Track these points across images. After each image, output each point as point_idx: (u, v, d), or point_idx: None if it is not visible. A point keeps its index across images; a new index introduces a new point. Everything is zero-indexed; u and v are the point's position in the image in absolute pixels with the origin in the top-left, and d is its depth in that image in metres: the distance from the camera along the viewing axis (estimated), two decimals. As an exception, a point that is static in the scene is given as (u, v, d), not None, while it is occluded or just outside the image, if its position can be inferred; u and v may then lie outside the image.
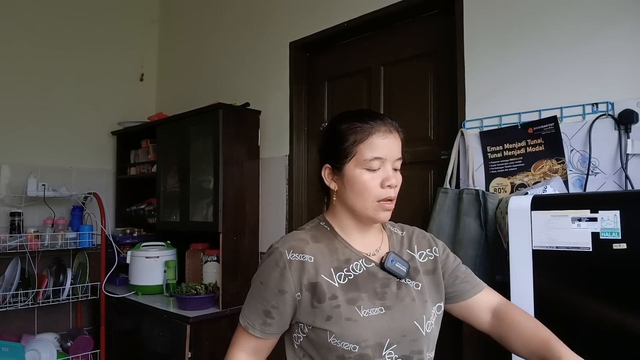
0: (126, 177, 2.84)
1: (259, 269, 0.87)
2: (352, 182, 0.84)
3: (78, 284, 2.44)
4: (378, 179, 0.83)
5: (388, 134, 0.83)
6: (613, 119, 1.26)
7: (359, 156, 0.83)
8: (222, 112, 2.11)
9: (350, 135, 0.84)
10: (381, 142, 0.82)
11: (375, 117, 0.85)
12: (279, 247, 0.85)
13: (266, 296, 0.83)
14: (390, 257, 0.87)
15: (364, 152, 0.82)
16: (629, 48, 1.26)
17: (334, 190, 0.90)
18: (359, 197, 0.84)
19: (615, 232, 1.07)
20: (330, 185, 0.89)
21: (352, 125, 0.84)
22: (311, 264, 0.83)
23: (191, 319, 1.95)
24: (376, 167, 0.82)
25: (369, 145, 0.82)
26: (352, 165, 0.83)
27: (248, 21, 2.47)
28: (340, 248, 0.87)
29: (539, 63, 1.41)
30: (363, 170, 0.83)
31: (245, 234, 2.20)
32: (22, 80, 2.55)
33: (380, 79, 1.96)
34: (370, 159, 0.82)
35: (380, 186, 0.83)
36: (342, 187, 0.86)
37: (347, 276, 0.84)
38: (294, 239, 0.87)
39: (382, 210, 0.84)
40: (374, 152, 0.82)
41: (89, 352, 2.40)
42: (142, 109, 3.00)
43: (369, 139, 0.82)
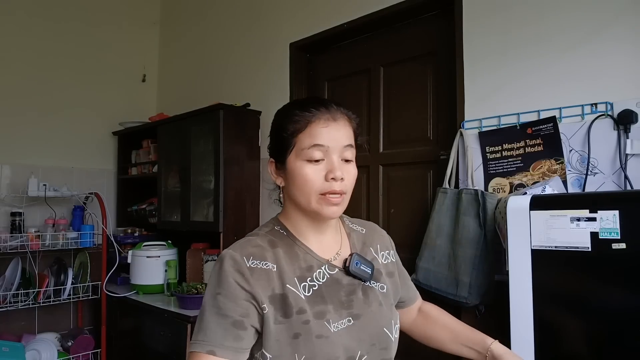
0: (127, 177, 2.85)
1: (210, 283, 0.74)
2: (293, 175, 0.76)
3: (79, 284, 2.44)
4: (321, 171, 0.75)
5: (331, 121, 0.76)
6: (612, 119, 1.27)
7: (298, 146, 0.75)
8: (222, 113, 2.12)
9: (289, 125, 0.76)
10: (322, 130, 0.75)
11: (318, 104, 0.77)
12: (235, 255, 0.74)
13: (230, 307, 0.70)
14: (355, 259, 0.80)
15: (302, 141, 0.75)
16: (628, 48, 1.26)
17: (281, 187, 0.82)
18: (301, 191, 0.76)
19: (614, 232, 1.07)
20: (277, 181, 0.82)
21: (292, 114, 0.77)
22: (275, 272, 0.74)
23: (192, 318, 1.95)
24: (318, 157, 0.74)
25: (309, 134, 0.75)
26: (293, 157, 0.76)
27: (248, 22, 2.48)
28: (301, 254, 0.79)
29: (537, 63, 1.42)
30: (304, 162, 0.75)
31: (246, 233, 2.20)
32: (23, 81, 2.56)
33: (380, 79, 1.96)
34: (309, 147, 0.74)
35: (325, 179, 0.75)
36: (287, 183, 0.79)
37: (312, 287, 0.76)
38: (251, 244, 0.77)
39: (327, 205, 0.75)
40: (313, 139, 0.74)
41: (89, 352, 2.41)
42: (143, 110, 3.01)
43: (308, 127, 0.75)
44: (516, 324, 1.17)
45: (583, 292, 1.11)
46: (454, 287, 1.44)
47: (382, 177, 1.94)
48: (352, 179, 0.78)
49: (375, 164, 1.96)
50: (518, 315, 1.17)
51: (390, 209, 1.91)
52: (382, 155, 1.94)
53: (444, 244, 1.50)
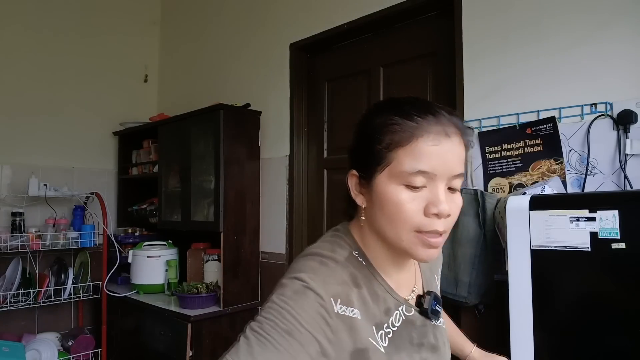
0: (128, 177, 2.85)
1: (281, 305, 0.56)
2: (383, 200, 0.59)
3: (79, 284, 2.44)
4: (421, 201, 0.58)
5: (443, 137, 0.57)
6: (612, 119, 1.27)
7: (395, 166, 0.58)
8: (223, 113, 2.12)
9: (385, 135, 0.59)
10: (431, 149, 0.57)
11: (427, 110, 0.59)
12: (321, 292, 0.57)
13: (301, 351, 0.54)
14: (432, 300, 0.68)
15: (403, 161, 0.57)
16: (627, 49, 1.26)
17: (362, 207, 0.64)
18: (392, 223, 0.59)
19: (614, 231, 1.07)
20: (357, 199, 0.64)
21: (391, 120, 0.59)
22: (359, 321, 0.59)
23: (192, 317, 1.96)
24: (419, 184, 0.57)
25: (412, 153, 0.57)
26: (384, 177, 0.59)
27: (248, 22, 2.48)
28: (381, 294, 0.64)
29: (537, 64, 1.42)
30: (400, 187, 0.58)
31: (246, 233, 2.21)
32: (24, 81, 2.56)
33: (379, 79, 1.96)
34: (412, 173, 0.57)
35: (424, 213, 0.58)
36: (371, 206, 0.62)
37: (387, 334, 0.62)
38: (335, 279, 0.60)
39: (423, 246, 0.59)
40: (417, 162, 0.57)
41: (90, 352, 2.41)
42: (143, 110, 3.01)
43: (413, 143, 0.57)
44: (515, 323, 1.17)
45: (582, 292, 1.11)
46: (453, 287, 1.45)
47: (382, 177, 1.94)
48: (457, 211, 0.61)
49: (375, 164, 1.96)
50: (517, 315, 1.17)
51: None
52: (382, 155, 1.94)
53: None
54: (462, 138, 0.60)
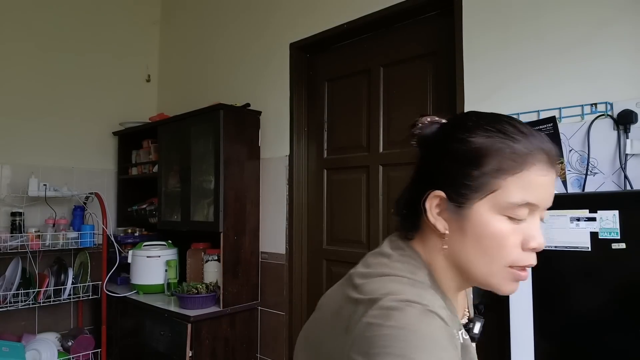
0: (128, 177, 2.85)
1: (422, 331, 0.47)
2: (480, 232, 0.54)
3: (79, 284, 2.44)
4: (520, 234, 0.54)
5: (550, 167, 0.53)
6: (612, 119, 1.26)
7: (500, 195, 0.53)
8: (222, 113, 2.12)
9: (492, 159, 0.53)
10: (540, 180, 0.53)
11: (534, 135, 0.54)
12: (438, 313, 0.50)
13: None
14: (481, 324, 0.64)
15: (511, 191, 0.52)
16: (628, 48, 1.26)
17: (439, 232, 0.57)
18: (486, 256, 0.54)
19: (614, 231, 1.07)
20: (437, 224, 0.57)
21: (501, 142, 0.53)
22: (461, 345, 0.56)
23: (192, 318, 1.96)
24: (523, 216, 0.53)
25: (522, 183, 0.52)
26: (484, 206, 0.53)
27: (248, 22, 2.48)
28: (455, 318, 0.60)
29: (537, 63, 1.42)
30: (502, 218, 0.53)
31: (246, 233, 2.21)
32: (24, 81, 2.56)
33: (380, 79, 1.96)
34: (520, 204, 0.52)
35: (522, 246, 0.54)
36: (458, 234, 0.56)
37: None
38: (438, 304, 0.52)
39: (512, 281, 0.55)
40: (527, 194, 0.52)
41: (90, 352, 2.41)
42: (143, 110, 3.01)
43: (524, 171, 0.52)
44: (516, 323, 1.17)
45: (583, 292, 1.11)
46: (454, 287, 1.44)
47: (382, 178, 1.94)
48: None
49: (375, 164, 1.96)
50: (518, 315, 1.17)
51: (390, 209, 1.91)
52: (382, 155, 1.94)
53: (444, 243, 1.50)
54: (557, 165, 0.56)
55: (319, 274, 2.16)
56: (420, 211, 0.58)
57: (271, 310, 2.21)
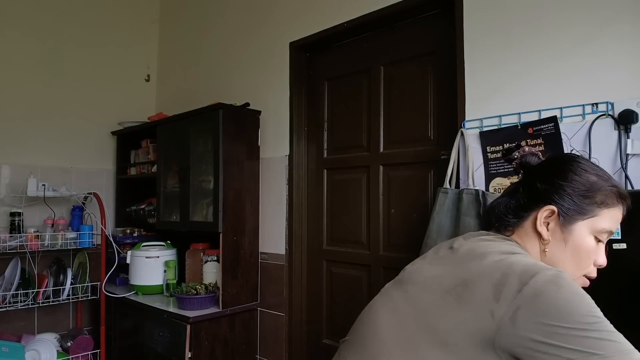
0: (126, 177, 2.84)
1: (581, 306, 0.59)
2: (578, 245, 0.73)
3: (78, 284, 2.44)
4: (596, 253, 0.75)
5: (625, 210, 0.76)
6: (613, 119, 1.26)
7: (597, 221, 0.73)
8: (222, 112, 2.11)
9: (600, 193, 0.73)
10: (620, 216, 0.75)
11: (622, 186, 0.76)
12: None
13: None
14: None
15: (604, 219, 0.73)
16: (628, 48, 1.25)
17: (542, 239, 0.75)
18: (575, 264, 0.74)
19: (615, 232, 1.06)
20: (542, 231, 0.75)
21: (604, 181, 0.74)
22: None
23: (191, 318, 1.95)
24: (604, 239, 0.75)
25: (613, 215, 0.74)
26: (585, 227, 0.73)
27: (248, 21, 2.47)
28: None
29: (538, 63, 1.41)
30: (592, 238, 0.74)
31: (246, 234, 2.20)
32: (23, 81, 2.55)
33: (380, 79, 1.96)
34: (606, 231, 0.74)
35: (593, 262, 0.75)
36: (559, 243, 0.74)
37: None
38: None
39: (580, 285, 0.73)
40: (612, 224, 0.74)
41: (89, 352, 2.40)
42: (142, 109, 3.00)
43: (617, 208, 0.74)
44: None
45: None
46: (454, 288, 1.44)
47: (382, 178, 1.93)
48: None
49: (375, 164, 1.95)
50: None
51: (390, 209, 1.90)
52: (382, 155, 1.94)
53: (444, 244, 1.50)
54: None
55: (319, 274, 2.16)
56: (524, 218, 0.77)
57: (271, 311, 2.20)
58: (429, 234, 1.53)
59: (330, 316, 2.11)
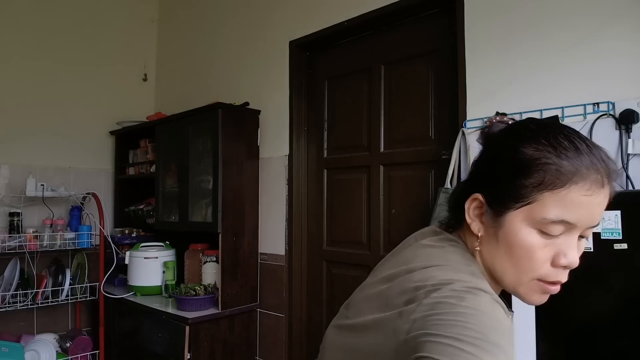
0: (125, 177, 2.83)
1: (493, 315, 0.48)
2: (511, 241, 0.54)
3: (77, 285, 2.43)
4: (552, 249, 0.53)
5: (598, 187, 0.51)
6: (614, 119, 1.26)
7: (537, 209, 0.52)
8: (221, 112, 2.10)
9: (537, 172, 0.52)
10: (582, 199, 0.51)
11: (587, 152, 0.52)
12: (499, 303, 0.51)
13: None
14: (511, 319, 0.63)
15: (548, 206, 0.51)
16: (629, 48, 1.25)
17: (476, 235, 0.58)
18: (514, 266, 0.54)
19: (616, 232, 1.07)
20: (473, 225, 0.58)
21: (547, 157, 0.52)
22: None
23: (190, 319, 1.94)
24: (557, 233, 0.52)
25: (561, 200, 0.51)
26: (519, 217, 0.53)
27: (248, 20, 2.46)
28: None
29: (540, 62, 1.41)
30: (533, 231, 0.53)
31: (245, 234, 2.19)
32: (21, 80, 2.54)
33: (380, 78, 1.95)
34: (554, 221, 0.51)
35: (551, 262, 0.53)
36: (491, 240, 0.56)
37: None
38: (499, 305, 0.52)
39: (540, 293, 0.55)
40: (564, 212, 0.51)
41: (88, 353, 2.40)
42: (140, 109, 2.99)
43: (566, 189, 0.51)
44: (517, 325, 1.16)
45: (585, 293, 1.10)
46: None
47: (382, 177, 1.92)
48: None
49: (376, 163, 1.95)
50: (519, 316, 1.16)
51: (391, 209, 1.90)
52: (382, 155, 1.93)
53: (445, 244, 1.49)
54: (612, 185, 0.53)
55: (319, 275, 2.15)
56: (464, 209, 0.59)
57: (270, 312, 2.20)
58: (430, 234, 1.52)
59: (330, 317, 2.10)
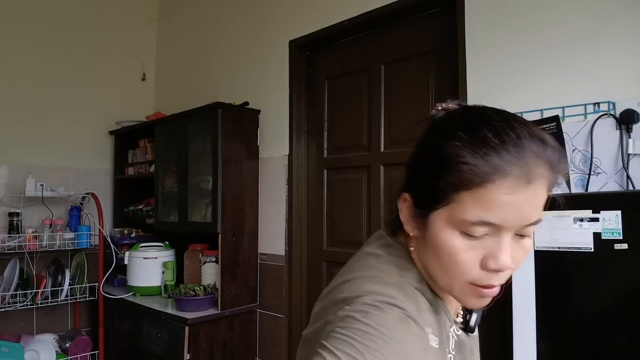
0: (124, 177, 2.83)
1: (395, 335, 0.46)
2: (435, 243, 0.51)
3: (76, 285, 2.43)
4: (480, 251, 0.49)
5: (523, 184, 0.46)
6: (614, 119, 1.25)
7: (455, 210, 0.48)
8: (221, 112, 2.10)
9: (451, 172, 0.48)
10: (504, 198, 0.46)
11: (511, 142, 0.47)
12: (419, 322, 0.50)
13: None
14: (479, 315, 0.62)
15: (466, 207, 0.47)
16: (630, 47, 1.25)
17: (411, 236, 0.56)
18: (442, 270, 0.52)
19: (616, 232, 1.06)
20: (406, 226, 0.55)
21: (461, 153, 0.47)
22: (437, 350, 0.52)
23: (190, 320, 1.94)
24: (480, 234, 0.48)
25: (478, 200, 0.46)
26: (442, 218, 0.50)
27: (247, 19, 2.46)
28: (443, 318, 0.57)
29: (540, 62, 1.40)
30: (456, 233, 0.49)
31: (245, 234, 2.19)
32: (20, 80, 2.54)
33: (380, 77, 1.94)
34: (473, 223, 0.47)
35: (480, 265, 0.49)
36: (422, 241, 0.54)
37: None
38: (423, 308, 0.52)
39: (476, 297, 0.51)
40: (483, 213, 0.47)
41: (87, 353, 2.39)
42: (140, 109, 2.98)
43: (482, 188, 0.46)
44: (519, 325, 1.16)
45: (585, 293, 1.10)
46: (455, 288, 1.43)
47: (383, 177, 1.92)
48: (523, 258, 0.52)
49: (376, 163, 1.94)
50: (520, 317, 1.16)
51: (391, 209, 1.89)
52: (383, 154, 1.92)
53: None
54: (549, 179, 0.48)
55: (318, 275, 2.15)
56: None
57: (270, 312, 2.19)
58: (430, 234, 1.52)
59: (330, 317, 2.10)
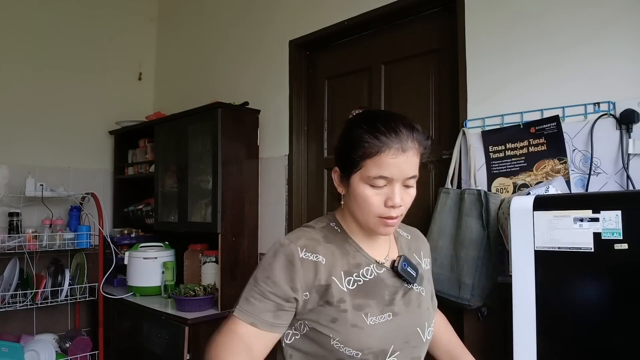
0: (124, 177, 2.82)
1: (265, 263, 0.82)
2: (355, 194, 0.81)
3: (76, 285, 2.42)
4: (382, 196, 0.79)
5: (400, 153, 0.77)
6: (614, 119, 1.26)
7: (364, 171, 0.78)
8: (220, 112, 2.10)
9: (358, 149, 0.78)
10: (390, 161, 0.76)
11: (391, 129, 0.78)
12: (290, 244, 0.81)
13: (276, 292, 0.79)
14: (403, 260, 0.86)
15: (369, 168, 0.77)
16: (630, 47, 1.25)
17: (342, 195, 0.88)
18: (361, 210, 0.81)
19: (616, 232, 1.06)
20: (338, 189, 0.87)
21: (363, 136, 0.78)
22: (323, 265, 0.80)
23: (190, 320, 1.94)
24: (381, 184, 0.78)
25: (376, 163, 0.77)
26: (357, 178, 0.80)
27: (247, 19, 2.46)
28: (352, 251, 0.85)
29: (541, 62, 1.40)
30: (367, 186, 0.79)
31: (245, 234, 2.19)
32: (20, 80, 2.54)
33: (380, 77, 1.94)
34: (375, 177, 0.77)
35: (384, 204, 0.79)
36: (348, 196, 0.84)
37: (357, 281, 0.83)
38: (306, 237, 0.83)
39: (383, 226, 0.81)
40: (380, 170, 0.77)
41: (87, 353, 2.39)
42: (140, 109, 2.98)
43: (377, 156, 0.77)
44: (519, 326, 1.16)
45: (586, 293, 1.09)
46: (456, 289, 1.43)
47: (382, 177, 1.92)
48: (410, 200, 0.83)
49: (375, 163, 1.94)
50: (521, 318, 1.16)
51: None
52: (382, 154, 1.92)
53: (446, 245, 1.49)
54: (417, 149, 0.80)
55: (318, 274, 2.15)
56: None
57: (270, 311, 2.19)
58: (431, 234, 1.52)
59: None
